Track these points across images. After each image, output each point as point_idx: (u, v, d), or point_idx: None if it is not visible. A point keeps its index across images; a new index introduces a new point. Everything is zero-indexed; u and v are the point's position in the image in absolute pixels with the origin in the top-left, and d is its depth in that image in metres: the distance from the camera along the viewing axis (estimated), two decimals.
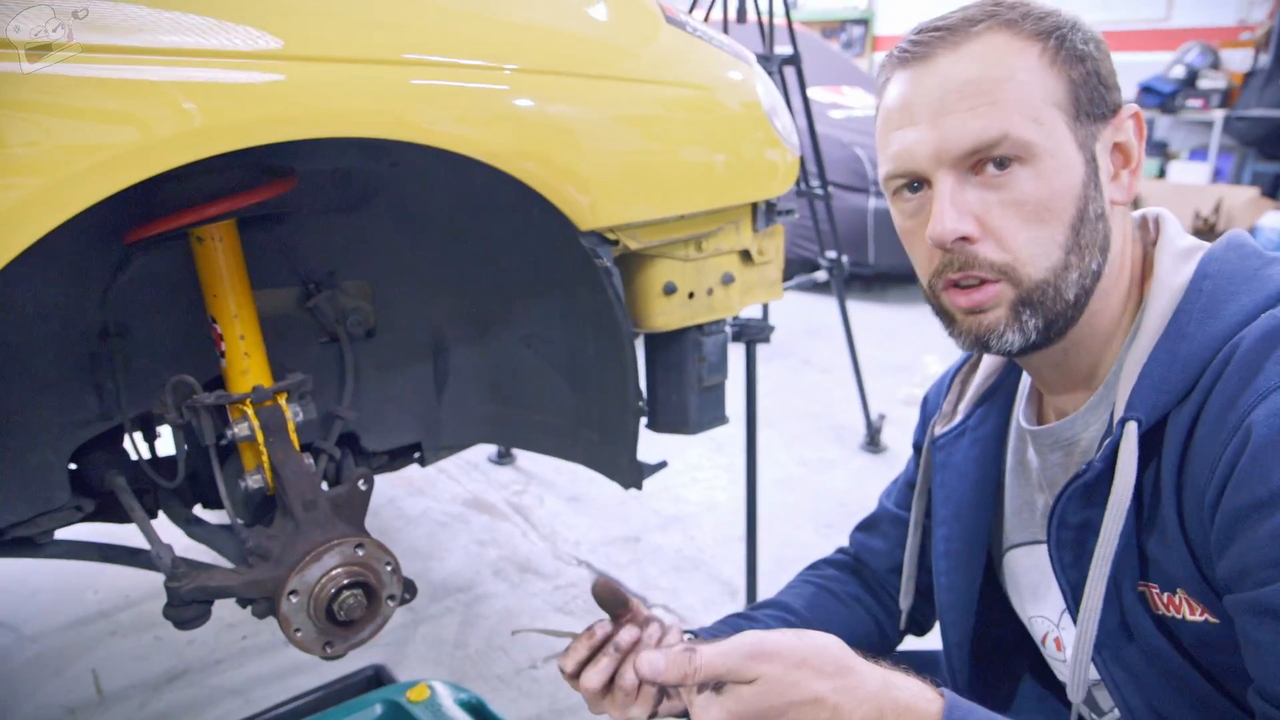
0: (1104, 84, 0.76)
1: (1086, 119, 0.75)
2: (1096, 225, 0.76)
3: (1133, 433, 0.72)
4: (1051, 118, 0.74)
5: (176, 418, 1.13)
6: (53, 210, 0.77)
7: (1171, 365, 0.71)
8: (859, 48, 8.88)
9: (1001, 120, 0.73)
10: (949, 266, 0.78)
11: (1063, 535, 0.79)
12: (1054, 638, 0.89)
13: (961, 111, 0.74)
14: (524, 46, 1.09)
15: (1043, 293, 0.76)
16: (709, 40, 1.34)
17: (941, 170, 0.76)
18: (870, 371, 3.20)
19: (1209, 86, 5.90)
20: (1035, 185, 0.74)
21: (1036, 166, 0.73)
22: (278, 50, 0.88)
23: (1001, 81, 0.73)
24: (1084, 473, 0.76)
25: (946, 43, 0.75)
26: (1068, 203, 0.74)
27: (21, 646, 2.04)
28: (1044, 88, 0.74)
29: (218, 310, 1.12)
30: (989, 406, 0.95)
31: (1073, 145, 0.74)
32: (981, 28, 0.75)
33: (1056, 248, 0.75)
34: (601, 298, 1.23)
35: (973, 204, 0.75)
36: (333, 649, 1.10)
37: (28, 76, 0.75)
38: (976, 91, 0.73)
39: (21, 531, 1.19)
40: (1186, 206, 5.34)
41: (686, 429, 1.47)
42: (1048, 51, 0.74)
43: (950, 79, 0.74)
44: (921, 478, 1.01)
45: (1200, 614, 0.72)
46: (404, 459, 1.58)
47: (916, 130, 0.76)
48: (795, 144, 1.45)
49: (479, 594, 2.25)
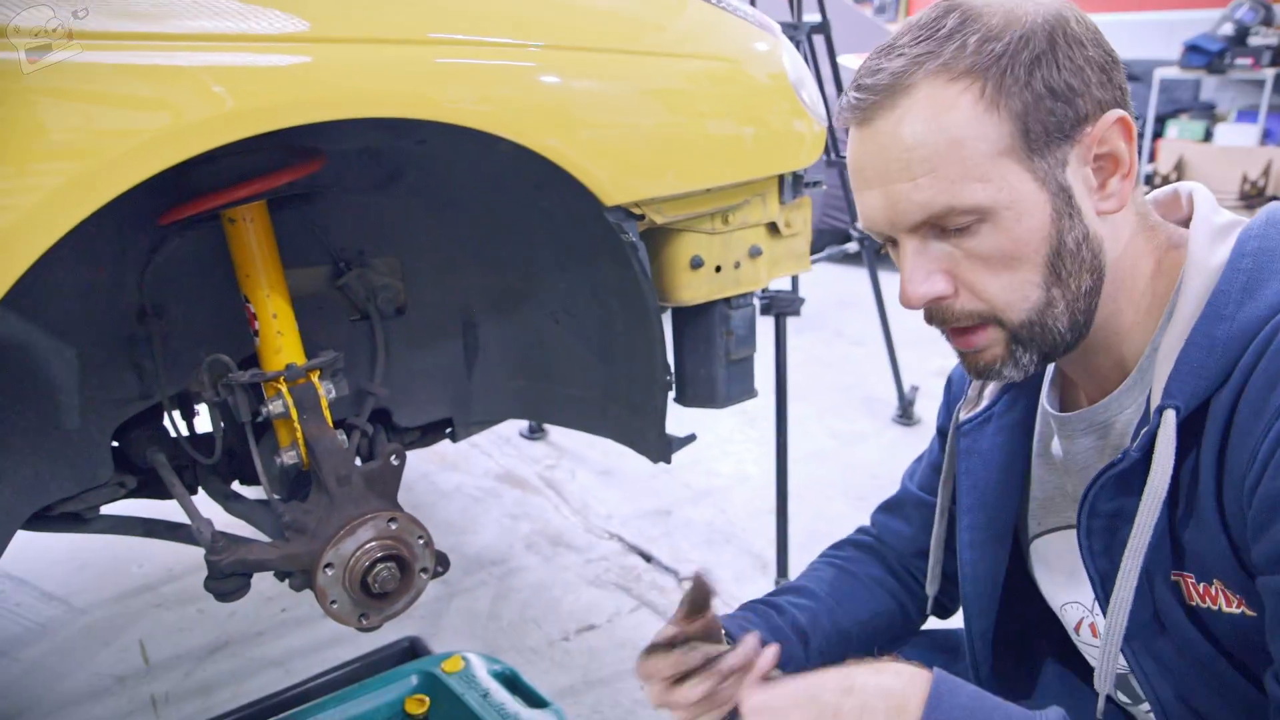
0: (1064, 99, 0.70)
1: (1044, 149, 0.71)
2: (1079, 251, 0.73)
3: (1171, 421, 0.69)
4: (1000, 170, 0.70)
5: (213, 396, 1.16)
6: (92, 195, 0.79)
7: (1211, 350, 0.69)
8: (892, 12, 8.70)
9: (944, 192, 0.70)
10: (934, 319, 0.78)
11: (1093, 523, 0.78)
12: (1088, 624, 0.88)
13: (904, 183, 0.72)
14: (549, 22, 1.08)
15: (1031, 331, 0.75)
16: (734, 11, 1.33)
17: (900, 234, 0.75)
18: (903, 343, 3.17)
19: (1260, 44, 5.69)
20: (997, 238, 0.72)
21: (995, 221, 0.71)
22: (304, 32, 0.89)
23: (938, 148, 0.70)
24: (1119, 461, 0.74)
25: (883, 105, 0.72)
26: (1036, 244, 0.72)
27: (72, 618, 2.11)
28: (986, 140, 0.70)
29: (251, 289, 1.13)
30: (1015, 393, 0.93)
31: (1031, 185, 0.71)
32: (917, 77, 0.71)
33: (1034, 288, 0.73)
34: (628, 272, 1.24)
35: (940, 260, 0.74)
36: (367, 620, 1.13)
37: (62, 65, 0.76)
38: (916, 159, 0.71)
39: (69, 507, 1.22)
40: (1234, 170, 5.20)
41: (714, 403, 1.47)
42: (987, 91, 0.70)
43: (890, 146, 0.72)
44: (947, 464, 0.99)
45: (1237, 605, 0.70)
46: (436, 434, 1.60)
47: (872, 194, 0.75)
48: (822, 115, 1.44)
49: (512, 567, 2.28)
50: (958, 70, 0.70)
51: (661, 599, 2.14)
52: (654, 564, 2.30)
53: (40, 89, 0.76)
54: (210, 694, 1.83)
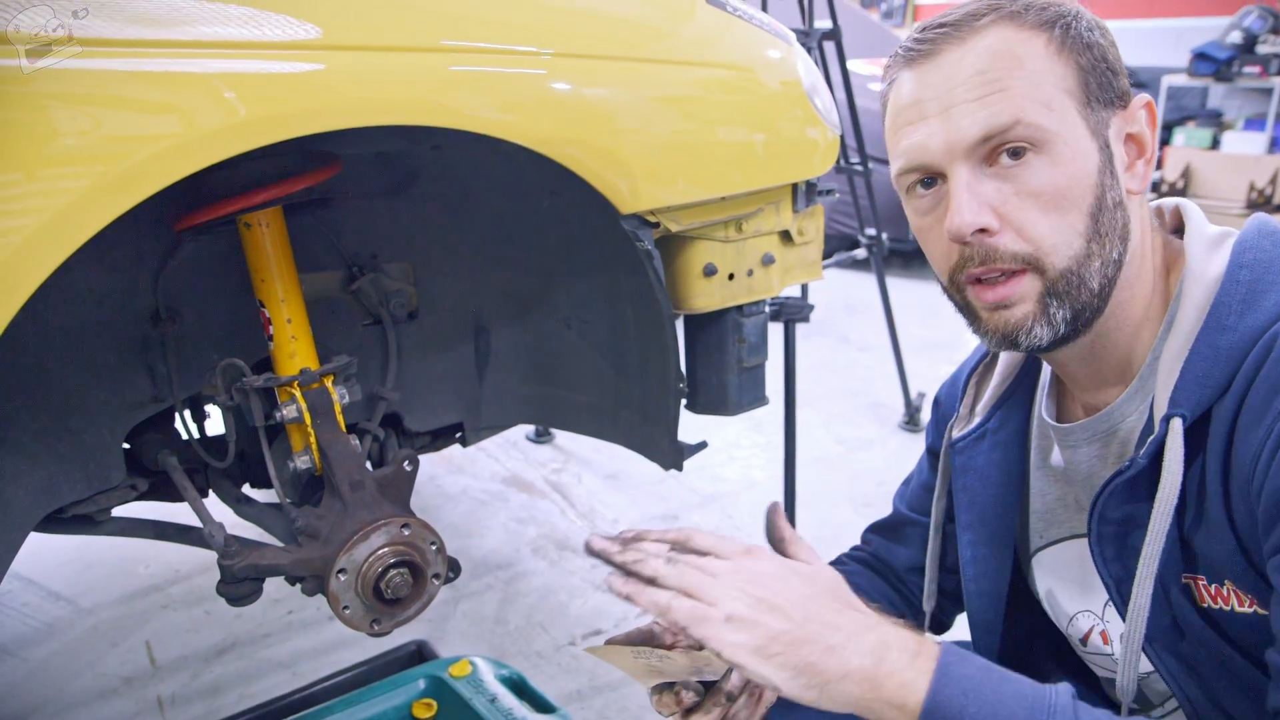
0: (1112, 70, 0.75)
1: (1098, 105, 0.74)
2: (1115, 213, 0.74)
3: (1178, 429, 0.71)
4: (1063, 104, 0.73)
5: (226, 400, 1.16)
6: (111, 204, 0.79)
7: (1214, 359, 0.71)
8: (899, 17, 8.70)
9: (1012, 107, 0.72)
10: (970, 261, 0.76)
11: (1104, 530, 0.78)
12: (1099, 631, 0.88)
13: (971, 101, 0.73)
14: (563, 30, 1.08)
15: (1068, 282, 0.74)
16: (748, 19, 1.33)
17: (956, 162, 0.75)
18: (910, 349, 3.17)
19: (1268, 52, 5.68)
20: (1051, 173, 0.72)
21: (1051, 154, 0.72)
22: (318, 40, 0.89)
23: (1010, 69, 0.72)
24: (1127, 469, 0.75)
25: (951, 39, 0.75)
26: (1085, 190, 0.73)
27: (79, 618, 2.11)
28: (1053, 74, 0.73)
29: (265, 294, 1.13)
30: (1008, 408, 0.93)
31: (1085, 132, 0.73)
32: (986, 21, 0.74)
33: (1078, 235, 0.73)
34: (642, 279, 1.24)
35: (989, 195, 0.74)
36: (379, 626, 1.13)
37: (78, 73, 0.76)
38: (985, 81, 0.73)
39: (81, 509, 1.23)
40: (1241, 178, 5.18)
41: (726, 410, 1.47)
42: (1054, 40, 0.73)
43: (958, 72, 0.74)
44: (941, 481, 0.99)
45: (1250, 605, 0.71)
46: (446, 439, 1.60)
47: (928, 124, 0.75)
48: (835, 122, 1.44)
49: (518, 571, 2.28)
50: (1026, 22, 0.74)
51: None
52: None
53: (58, 96, 0.76)
54: (217, 696, 1.84)
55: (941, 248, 0.78)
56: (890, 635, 0.68)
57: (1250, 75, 5.74)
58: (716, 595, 0.68)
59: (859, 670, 0.65)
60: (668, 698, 0.83)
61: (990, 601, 0.95)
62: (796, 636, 0.66)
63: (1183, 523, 0.74)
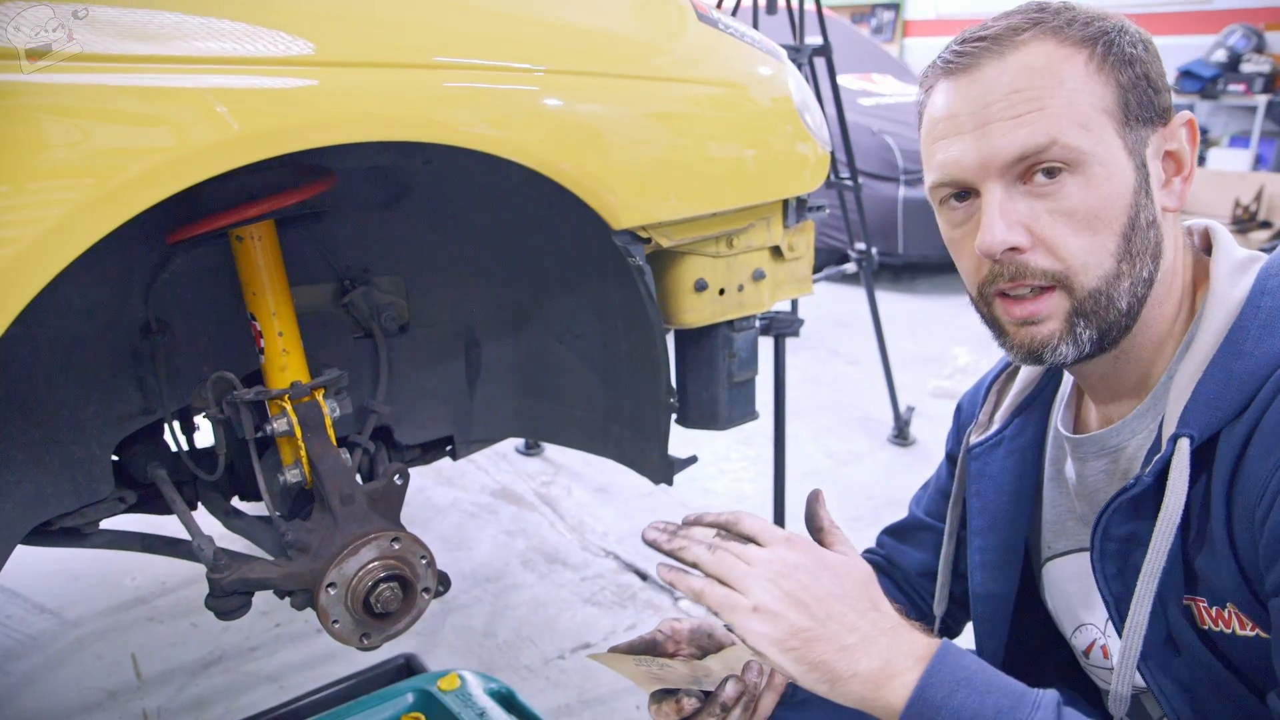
0: (1153, 88, 0.75)
1: (1136, 124, 0.74)
2: (1148, 233, 0.75)
3: (1185, 449, 0.71)
4: (1100, 124, 0.73)
5: (217, 413, 1.16)
6: (102, 220, 0.79)
7: (1228, 383, 0.71)
8: (889, 33, 8.77)
9: (1049, 127, 0.72)
10: (999, 276, 0.77)
11: (1106, 547, 0.79)
12: (1100, 645, 0.89)
13: (1008, 119, 0.73)
14: (556, 47, 1.09)
15: (1096, 301, 0.75)
16: (739, 36, 1.34)
17: (989, 180, 0.75)
18: (899, 363, 3.18)
19: (1252, 70, 5.77)
20: (1085, 193, 0.73)
21: (1086, 174, 0.72)
22: (310, 56, 0.89)
23: (1048, 88, 0.72)
24: (1131, 486, 0.75)
25: (991, 52, 0.75)
26: (1119, 210, 0.73)
27: (64, 631, 2.09)
28: (1092, 93, 0.73)
29: (257, 307, 1.14)
30: (1026, 417, 0.94)
31: (1122, 151, 0.73)
32: (1027, 36, 0.74)
33: (1109, 256, 0.74)
34: (633, 294, 1.24)
35: (1022, 214, 0.74)
36: (369, 640, 1.12)
37: (74, 87, 0.77)
38: (1023, 99, 0.73)
39: (69, 522, 1.22)
40: (1227, 194, 5.24)
41: (717, 424, 1.48)
42: (1095, 57, 0.73)
43: (996, 87, 0.74)
44: (957, 486, 1.00)
45: (1251, 629, 0.71)
46: (436, 452, 1.60)
47: (963, 140, 0.75)
48: (826, 139, 1.45)
49: (508, 584, 2.28)
50: (1068, 36, 0.74)
51: (657, 617, 2.14)
52: (650, 582, 2.29)
53: (51, 109, 0.76)
54: (203, 709, 1.82)
55: (972, 261, 0.79)
56: (903, 640, 0.71)
57: (1235, 93, 5.82)
58: (748, 585, 0.71)
59: (866, 671, 0.69)
60: (668, 705, 0.85)
61: (996, 608, 0.96)
62: (815, 634, 0.70)
63: (1186, 543, 0.74)
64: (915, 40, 8.66)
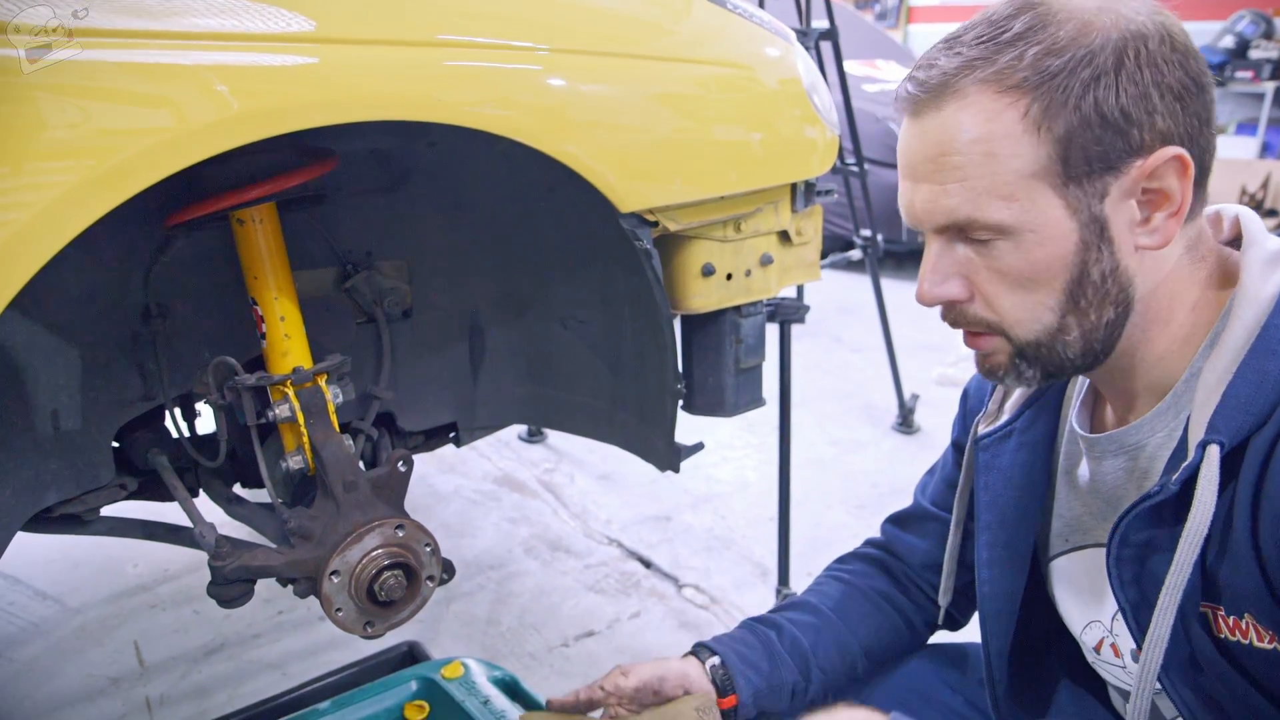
0: (1114, 129, 0.67)
1: (1082, 178, 0.69)
2: (1102, 285, 0.72)
3: (1214, 457, 0.67)
4: (1029, 190, 0.69)
5: (218, 399, 1.14)
6: (100, 199, 0.77)
7: (1260, 385, 0.67)
8: (893, 19, 8.72)
9: (969, 203, 0.71)
10: (946, 316, 0.79)
11: (1123, 552, 0.76)
12: (1110, 643, 0.87)
13: (935, 185, 0.72)
14: (561, 26, 1.07)
15: (1036, 350, 0.75)
16: (747, 16, 1.32)
17: (929, 232, 0.76)
18: (904, 351, 3.17)
19: (1260, 57, 5.72)
20: (1015, 258, 0.72)
21: (1016, 241, 0.71)
22: (312, 33, 0.87)
23: (972, 158, 0.70)
24: (1156, 493, 0.72)
25: (930, 104, 0.72)
26: (1056, 271, 0.71)
27: (66, 618, 2.08)
28: (1020, 159, 0.69)
29: (258, 291, 1.12)
30: (1038, 409, 0.91)
31: (1060, 213, 0.70)
32: (966, 82, 0.70)
33: (1047, 311, 0.73)
34: (640, 279, 1.22)
35: (960, 264, 0.75)
36: (373, 629, 1.11)
37: (69, 65, 0.75)
38: (949, 165, 0.71)
39: (69, 509, 1.21)
40: (1233, 182, 5.20)
41: (723, 411, 1.46)
42: (1032, 111, 0.68)
43: (930, 144, 0.72)
44: (964, 477, 0.98)
45: (1269, 641, 0.69)
46: (440, 439, 1.59)
47: (906, 185, 0.76)
48: (834, 122, 1.43)
49: (510, 572, 2.27)
50: (1008, 83, 0.69)
51: (661, 605, 2.13)
52: (653, 570, 2.29)
53: (47, 87, 0.74)
54: (206, 697, 1.82)
55: None
56: None
57: (1242, 80, 5.78)
58: None
59: None
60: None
61: (1004, 604, 0.94)
62: None
63: (1206, 551, 0.71)
64: (919, 26, 8.61)
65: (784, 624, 1.04)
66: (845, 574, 1.12)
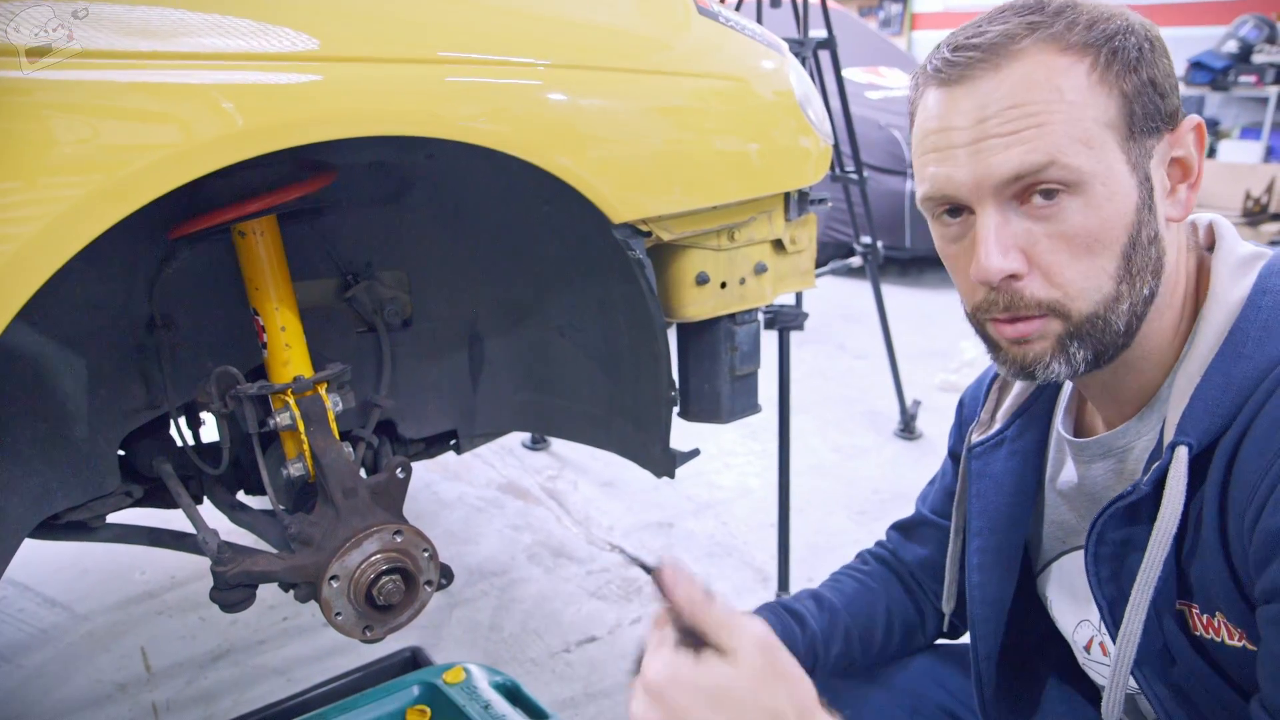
0: (1159, 92, 0.71)
1: (1141, 135, 0.70)
2: (1149, 249, 0.71)
3: (1183, 458, 0.69)
4: (1103, 139, 0.69)
5: (220, 407, 1.16)
6: (106, 213, 0.80)
7: (1226, 388, 0.68)
8: (897, 26, 8.74)
9: (1049, 145, 0.68)
10: (994, 305, 0.74)
11: (1101, 551, 0.78)
12: (1099, 642, 0.88)
13: (1005, 136, 0.69)
14: (557, 42, 1.09)
15: (1092, 325, 0.72)
16: (741, 30, 1.34)
17: (984, 200, 0.71)
18: (906, 357, 3.18)
19: (1264, 61, 5.71)
20: (1085, 216, 0.69)
21: (1086, 195, 0.69)
22: (314, 51, 0.90)
23: (1048, 103, 0.68)
24: (1129, 493, 0.74)
25: (987, 63, 0.70)
26: (1120, 231, 0.69)
27: (74, 624, 2.11)
28: (1094, 107, 0.68)
29: (260, 302, 1.14)
30: (1028, 417, 0.92)
31: (1125, 167, 0.69)
32: (1025, 44, 0.69)
33: (1108, 279, 0.70)
34: (634, 288, 1.24)
35: (1019, 237, 0.71)
36: (372, 633, 1.13)
37: (77, 83, 0.77)
38: (1021, 115, 0.68)
39: (76, 516, 1.23)
40: (1237, 186, 5.20)
41: (719, 418, 1.48)
42: (1098, 65, 0.69)
43: (991, 102, 0.69)
44: (960, 485, 0.99)
45: (1239, 639, 0.70)
46: (440, 446, 1.61)
47: (955, 156, 0.71)
48: (828, 132, 1.45)
49: (513, 578, 2.29)
50: (1069, 43, 0.69)
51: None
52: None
53: (54, 105, 0.77)
54: (212, 702, 1.84)
55: (968, 282, 0.76)
56: None
57: (1246, 84, 5.77)
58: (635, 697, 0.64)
59: None
60: None
61: (993, 608, 0.95)
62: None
63: (1180, 550, 0.73)
64: (923, 33, 8.63)
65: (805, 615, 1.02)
66: (861, 574, 1.12)
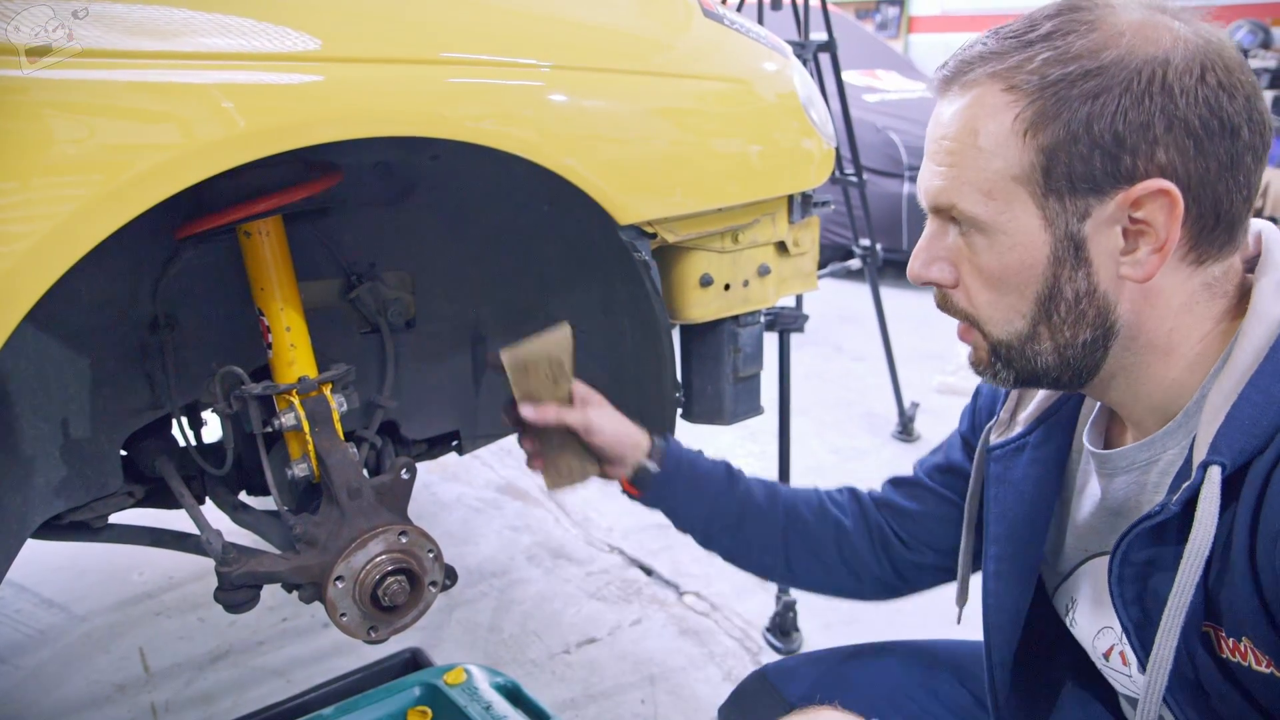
0: (1104, 150, 0.66)
1: (1063, 193, 0.69)
2: (1076, 304, 0.72)
3: (1215, 478, 0.66)
4: (1008, 193, 0.70)
5: (225, 407, 1.16)
6: (111, 216, 0.80)
7: (1265, 406, 0.65)
8: (894, 29, 8.75)
9: (953, 190, 0.73)
10: (936, 301, 0.81)
11: (1125, 571, 0.75)
12: (1119, 651, 0.86)
13: (934, 165, 0.75)
14: (562, 43, 1.09)
15: (1009, 351, 0.76)
16: (744, 32, 1.34)
17: (930, 211, 0.78)
18: (904, 359, 3.18)
19: (1259, 67, 5.73)
20: (989, 257, 0.74)
21: (990, 238, 0.73)
22: (317, 51, 0.90)
23: (964, 146, 0.72)
24: (1157, 513, 0.71)
25: (951, 84, 0.75)
26: (1028, 279, 0.72)
27: (72, 625, 2.10)
28: (1004, 158, 0.70)
29: (265, 302, 1.14)
30: (1052, 424, 0.90)
31: (1036, 222, 0.70)
32: (977, 74, 0.72)
33: (1019, 317, 0.74)
34: (639, 289, 1.24)
35: (950, 251, 0.77)
36: (376, 634, 1.13)
37: (80, 83, 0.77)
38: (946, 150, 0.74)
39: (78, 516, 1.23)
40: None
41: (722, 419, 1.48)
42: (1025, 115, 0.68)
43: (939, 126, 0.75)
44: (974, 481, 0.98)
45: (1266, 666, 0.67)
46: (442, 447, 1.61)
47: (926, 164, 0.78)
48: (831, 134, 1.45)
49: (513, 579, 2.29)
50: (1013, 82, 0.70)
51: (662, 612, 2.14)
52: (654, 577, 2.30)
53: (57, 106, 0.76)
54: (211, 703, 1.83)
55: None
56: None
57: None
58: None
59: None
60: None
61: (1008, 616, 0.94)
62: None
63: (1209, 573, 0.70)
64: (920, 36, 8.64)
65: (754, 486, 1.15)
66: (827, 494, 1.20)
